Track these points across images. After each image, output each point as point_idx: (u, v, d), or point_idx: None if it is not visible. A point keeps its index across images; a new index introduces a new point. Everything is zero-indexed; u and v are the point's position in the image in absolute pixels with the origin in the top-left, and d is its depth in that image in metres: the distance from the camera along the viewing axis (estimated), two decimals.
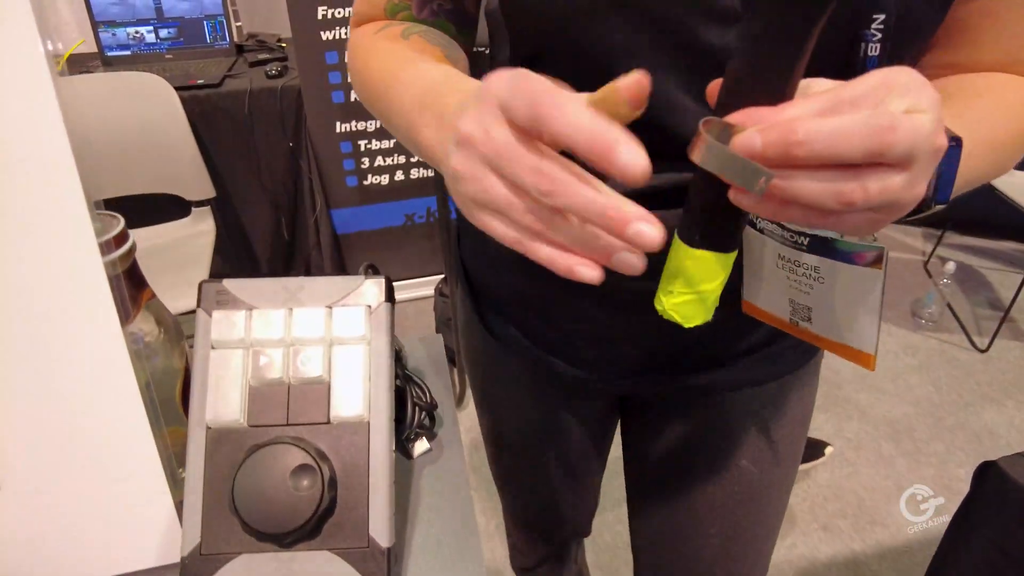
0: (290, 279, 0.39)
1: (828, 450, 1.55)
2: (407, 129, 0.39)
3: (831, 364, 2.02)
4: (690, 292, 0.38)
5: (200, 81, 1.69)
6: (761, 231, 0.43)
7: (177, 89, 1.58)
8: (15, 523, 0.36)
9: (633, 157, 0.26)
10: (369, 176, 1.88)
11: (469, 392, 1.05)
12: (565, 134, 0.26)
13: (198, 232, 1.65)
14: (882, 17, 0.40)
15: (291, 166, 1.82)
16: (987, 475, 0.88)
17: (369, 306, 0.39)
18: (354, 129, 1.80)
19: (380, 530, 0.36)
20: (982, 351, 1.98)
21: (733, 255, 0.38)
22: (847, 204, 0.30)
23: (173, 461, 0.38)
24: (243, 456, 0.35)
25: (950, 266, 2.01)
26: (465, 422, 1.66)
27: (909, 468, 1.67)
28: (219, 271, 1.68)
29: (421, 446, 0.45)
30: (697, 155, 0.31)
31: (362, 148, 1.83)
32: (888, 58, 0.41)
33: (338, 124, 1.78)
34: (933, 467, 1.67)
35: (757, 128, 0.28)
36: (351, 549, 0.35)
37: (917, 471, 1.66)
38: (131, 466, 0.36)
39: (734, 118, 0.29)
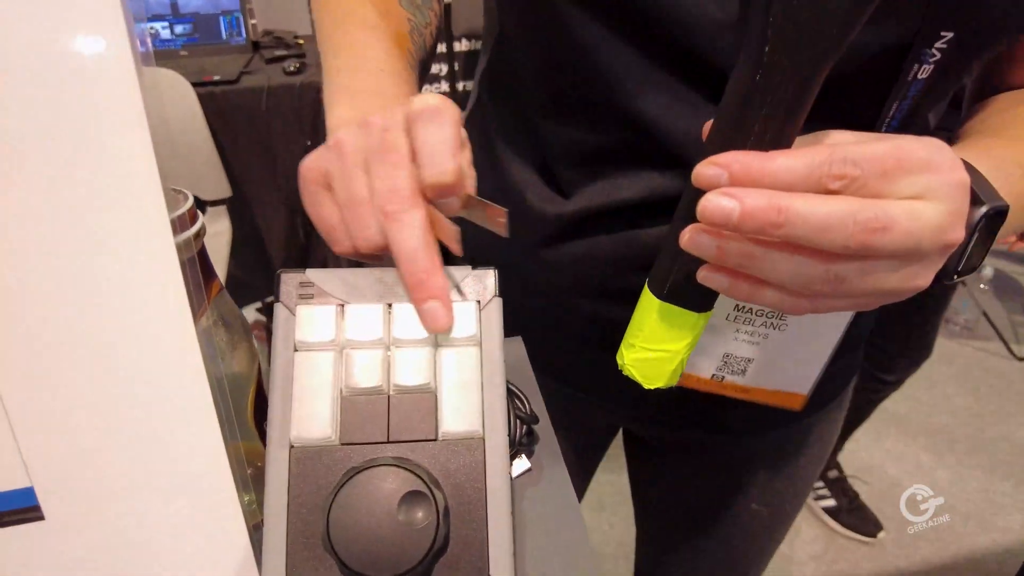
0: (385, 270, 0.33)
1: (881, 535, 1.48)
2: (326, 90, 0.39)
3: None
4: (654, 349, 0.34)
5: (216, 77, 1.63)
6: None
7: (193, 85, 1.52)
8: (60, 560, 0.30)
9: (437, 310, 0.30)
10: None
11: None
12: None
13: (214, 232, 1.59)
14: (949, 36, 0.34)
15: None
16: None
17: (479, 301, 0.33)
18: None
19: (502, 572, 0.30)
20: (1021, 359, 1.92)
21: (706, 316, 0.33)
22: (817, 289, 0.27)
23: (250, 482, 0.32)
24: (339, 481, 0.29)
25: (987, 272, 1.96)
26: None
27: (951, 481, 1.61)
28: (232, 273, 1.62)
29: (520, 465, 0.39)
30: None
31: None
32: (936, 83, 0.36)
33: None
34: (977, 480, 1.61)
35: (736, 196, 0.25)
36: None
37: (960, 484, 1.60)
38: (201, 493, 0.30)
39: (719, 159, 0.26)
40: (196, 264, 0.28)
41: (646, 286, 0.34)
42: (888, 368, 1.37)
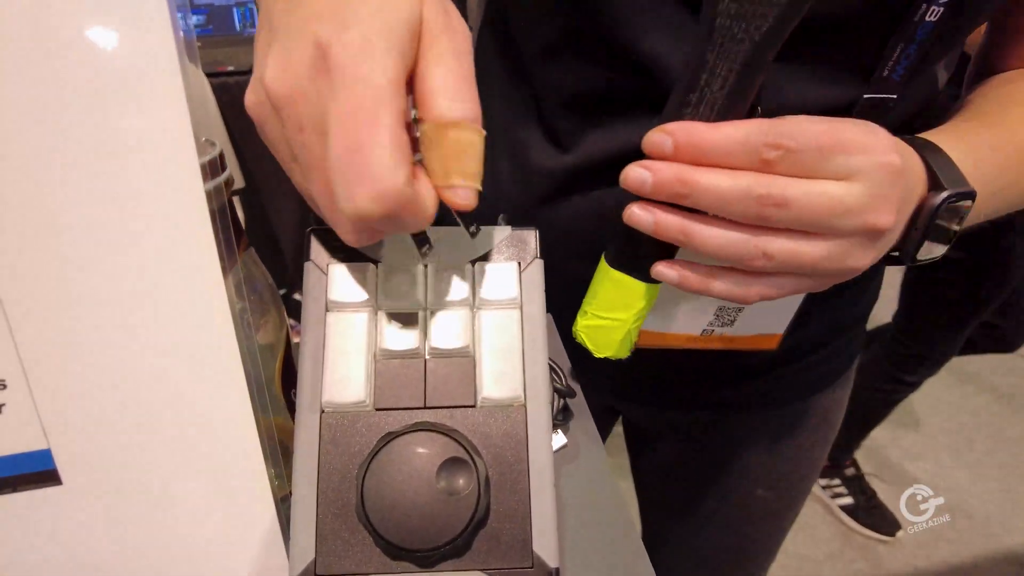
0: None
1: (899, 534, 1.45)
2: None
3: None
4: (604, 317, 0.35)
5: (230, 68, 1.62)
6: None
7: (207, 76, 1.51)
8: (74, 528, 0.28)
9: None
10: None
11: None
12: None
13: None
14: None
15: None
16: None
17: (519, 263, 0.31)
18: None
19: (546, 546, 0.28)
20: None
21: (656, 287, 0.34)
22: (749, 264, 0.29)
23: (280, 454, 0.30)
24: (374, 447, 0.27)
25: None
26: None
27: (971, 481, 1.58)
28: None
29: (557, 440, 0.37)
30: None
31: None
32: (947, 28, 0.34)
33: None
34: (996, 480, 1.58)
35: (649, 168, 0.29)
36: (511, 570, 0.27)
37: (981, 484, 1.57)
38: (226, 461, 0.29)
39: (667, 126, 0.29)
40: (227, 215, 0.26)
41: (603, 254, 0.35)
42: (911, 370, 1.35)
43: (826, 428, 0.59)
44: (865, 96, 0.36)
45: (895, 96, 0.36)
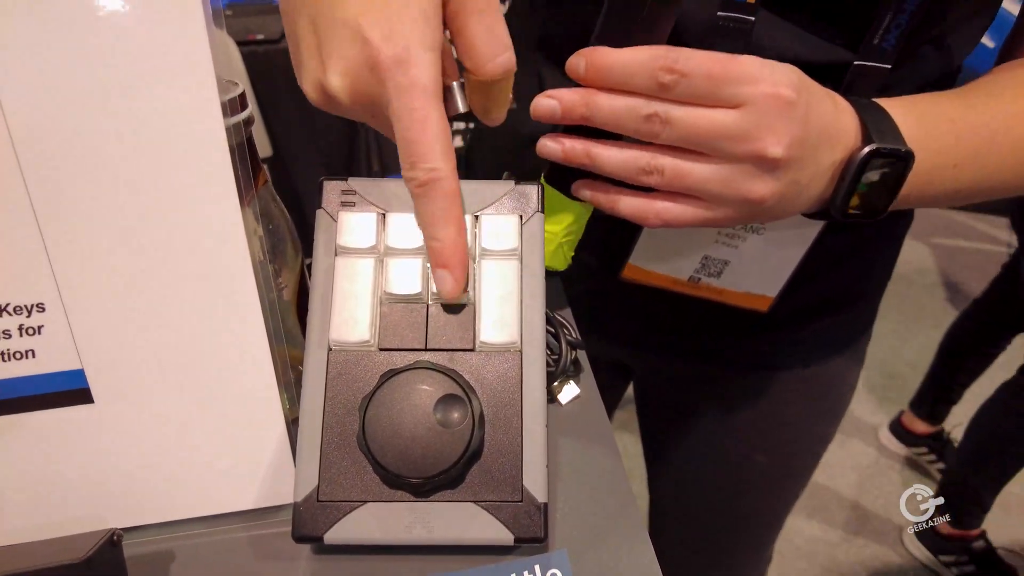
0: None
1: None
2: None
3: (911, 359, 1.90)
4: None
5: (260, 36, 1.65)
6: None
7: (237, 44, 1.54)
8: (106, 446, 0.30)
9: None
10: None
11: None
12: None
13: None
14: None
15: (348, 128, 1.76)
16: None
17: (521, 216, 0.32)
18: None
19: (535, 482, 0.29)
20: None
21: (585, 204, 0.37)
22: (644, 179, 0.32)
23: (292, 383, 0.32)
24: (376, 383, 0.29)
25: None
26: None
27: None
28: None
29: (570, 391, 0.39)
30: None
31: None
32: (930, 9, 0.33)
33: None
34: None
35: (555, 96, 0.31)
36: (501, 503, 0.29)
37: (1018, 477, 1.54)
38: (242, 386, 0.31)
39: (583, 51, 0.31)
40: (244, 149, 0.28)
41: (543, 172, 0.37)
42: None
43: (832, 401, 0.59)
44: (855, 63, 0.35)
45: (888, 66, 0.35)
